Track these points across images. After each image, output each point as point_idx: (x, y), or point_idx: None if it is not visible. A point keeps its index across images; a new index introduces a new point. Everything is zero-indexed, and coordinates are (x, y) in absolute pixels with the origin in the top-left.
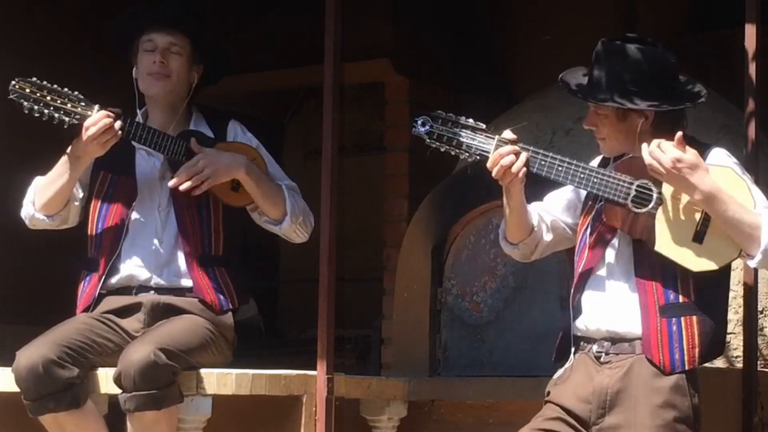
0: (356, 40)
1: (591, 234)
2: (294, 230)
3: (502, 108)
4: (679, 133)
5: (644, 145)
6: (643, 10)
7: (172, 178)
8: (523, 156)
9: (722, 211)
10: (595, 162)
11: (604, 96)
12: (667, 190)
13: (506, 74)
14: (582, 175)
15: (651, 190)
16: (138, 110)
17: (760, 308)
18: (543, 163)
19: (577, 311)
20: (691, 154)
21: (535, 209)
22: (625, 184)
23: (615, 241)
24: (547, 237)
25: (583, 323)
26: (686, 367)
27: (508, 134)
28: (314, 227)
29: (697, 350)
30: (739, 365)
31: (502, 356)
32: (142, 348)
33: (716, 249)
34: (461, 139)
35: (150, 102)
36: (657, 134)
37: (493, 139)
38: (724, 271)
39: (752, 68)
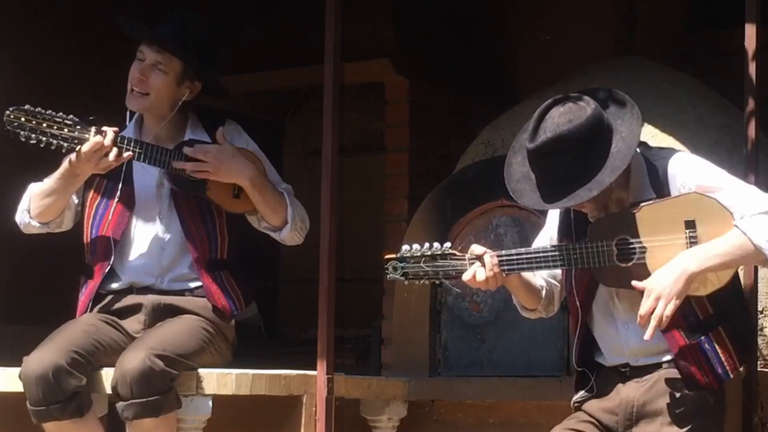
0: (356, 40)
1: (576, 280)
2: (291, 236)
3: (502, 108)
4: (635, 284)
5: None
6: (643, 10)
7: (170, 189)
8: (488, 259)
9: (714, 265)
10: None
11: (576, 192)
12: (646, 236)
13: (506, 74)
14: (561, 257)
15: (630, 242)
16: (127, 120)
17: (760, 308)
18: (520, 261)
19: (592, 345)
20: (651, 283)
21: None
22: (605, 248)
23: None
24: (557, 288)
25: (606, 359)
26: (731, 376)
27: (476, 249)
28: (314, 227)
29: (734, 356)
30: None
31: (502, 356)
32: (137, 355)
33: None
34: (436, 269)
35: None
36: (620, 182)
37: (464, 259)
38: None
39: (752, 68)
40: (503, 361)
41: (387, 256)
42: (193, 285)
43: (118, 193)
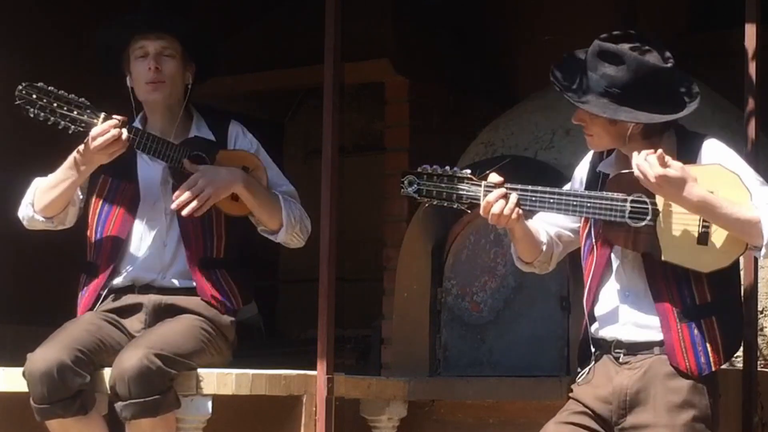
0: (356, 40)
1: (594, 240)
2: (290, 239)
3: (502, 108)
4: (660, 151)
5: (634, 155)
6: (643, 10)
7: (172, 185)
8: (513, 198)
9: (717, 216)
10: (587, 158)
11: (595, 102)
12: (661, 199)
13: (506, 74)
14: (575, 203)
15: (645, 202)
16: (135, 116)
17: (760, 308)
18: (534, 199)
19: (592, 319)
20: (676, 169)
21: (539, 223)
22: (619, 203)
23: (619, 249)
24: (558, 248)
25: (600, 332)
26: (713, 369)
27: (494, 177)
28: (314, 228)
29: (720, 350)
30: (739, 365)
31: (502, 356)
32: (134, 354)
33: (723, 247)
34: (450, 191)
35: (148, 108)
36: (647, 137)
37: (480, 185)
38: (734, 267)
39: (752, 68)
40: (503, 361)
41: (404, 171)
42: (192, 284)
43: (123, 190)
